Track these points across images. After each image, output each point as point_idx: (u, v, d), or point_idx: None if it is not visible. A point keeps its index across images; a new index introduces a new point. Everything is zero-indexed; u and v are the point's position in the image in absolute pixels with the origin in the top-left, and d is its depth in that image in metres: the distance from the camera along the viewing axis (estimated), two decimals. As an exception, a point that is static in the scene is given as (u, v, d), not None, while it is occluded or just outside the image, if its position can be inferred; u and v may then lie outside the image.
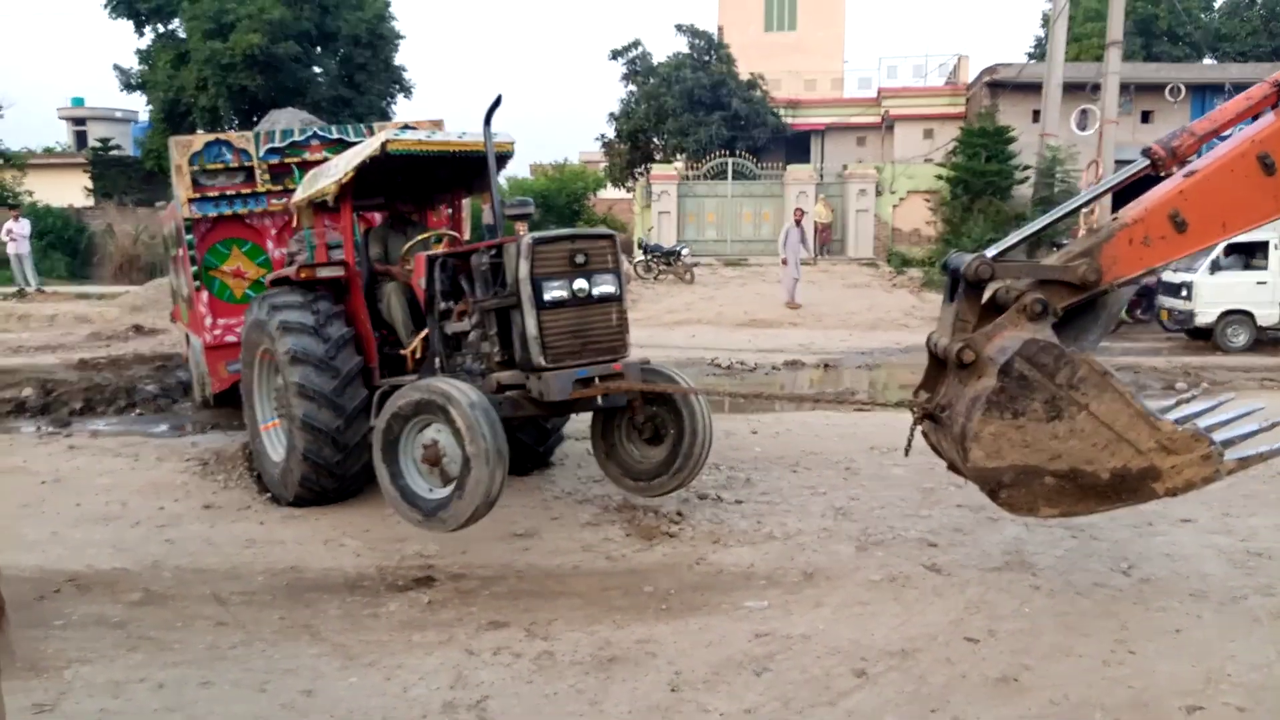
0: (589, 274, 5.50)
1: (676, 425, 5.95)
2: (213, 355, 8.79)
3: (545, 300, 5.37)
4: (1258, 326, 14.48)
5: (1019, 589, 4.91)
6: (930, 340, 4.61)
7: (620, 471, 6.23)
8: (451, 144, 6.32)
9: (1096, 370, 4.10)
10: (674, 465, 5.93)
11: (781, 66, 32.39)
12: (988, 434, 4.12)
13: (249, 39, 27.56)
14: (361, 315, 6.58)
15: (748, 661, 4.18)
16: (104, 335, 15.86)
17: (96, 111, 42.44)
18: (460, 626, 4.61)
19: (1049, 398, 4.10)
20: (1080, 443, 4.14)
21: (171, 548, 5.74)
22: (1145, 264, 4.31)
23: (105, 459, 7.81)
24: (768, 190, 26.79)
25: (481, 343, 5.80)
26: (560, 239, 5.52)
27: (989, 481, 4.23)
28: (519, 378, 5.58)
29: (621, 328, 5.69)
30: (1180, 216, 4.24)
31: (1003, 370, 4.07)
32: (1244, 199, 4.24)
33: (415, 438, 5.20)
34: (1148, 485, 4.21)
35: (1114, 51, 21.12)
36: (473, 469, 4.82)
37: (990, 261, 4.29)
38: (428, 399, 5.05)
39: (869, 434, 8.46)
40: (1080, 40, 29.61)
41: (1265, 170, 4.18)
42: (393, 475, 5.20)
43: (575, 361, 5.46)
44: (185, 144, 8.52)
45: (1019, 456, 4.15)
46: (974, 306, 4.40)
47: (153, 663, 4.27)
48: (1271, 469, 6.91)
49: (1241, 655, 4.17)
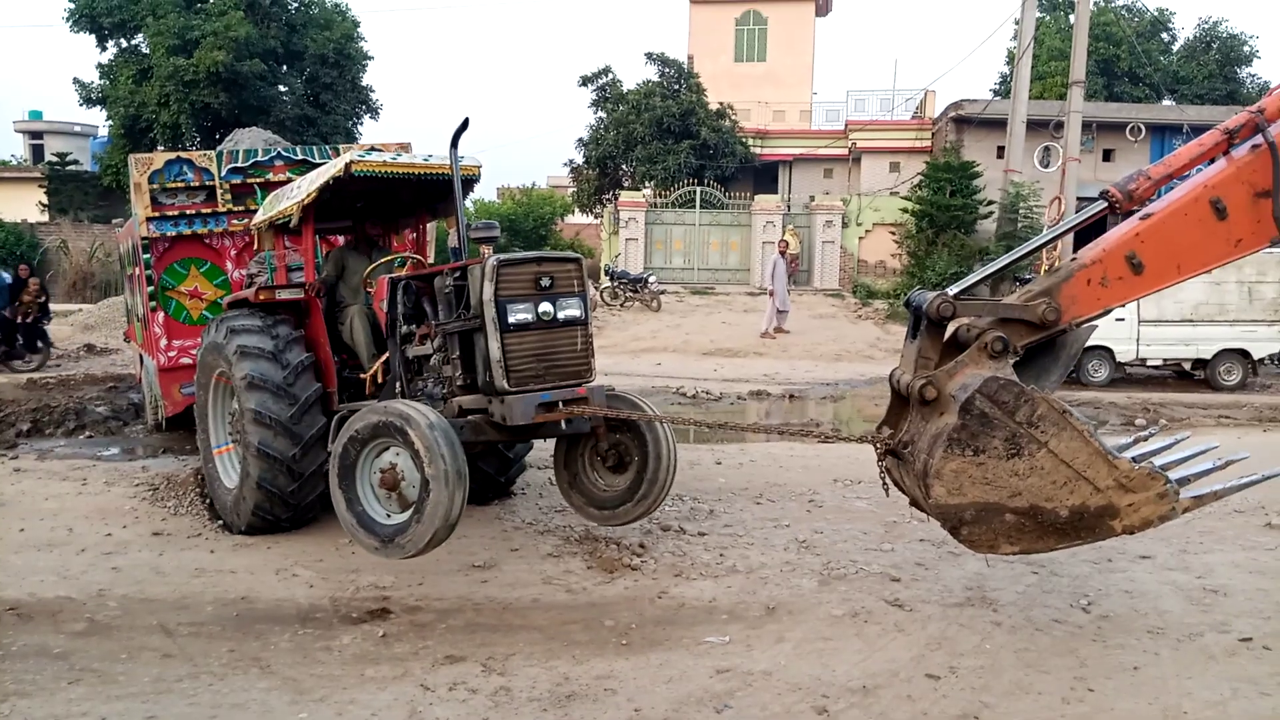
0: (554, 297, 5.45)
1: (640, 452, 5.86)
2: (167, 377, 8.62)
3: (509, 323, 5.29)
4: (1117, 363, 14.80)
5: (980, 625, 4.91)
6: (893, 376, 4.63)
7: (584, 500, 6.15)
8: (417, 166, 6.24)
9: (1056, 409, 4.13)
10: (638, 493, 5.85)
11: (750, 96, 32.75)
12: (949, 471, 4.14)
13: (213, 56, 27.40)
14: (321, 339, 6.48)
15: (708, 698, 4.12)
16: (54, 354, 15.53)
17: (54, 125, 41.86)
18: (415, 660, 4.50)
19: (1009, 435, 4.13)
20: (1040, 480, 4.16)
21: (118, 576, 5.57)
22: (1103, 304, 4.37)
23: (52, 482, 7.60)
24: (735, 220, 26.98)
25: (443, 366, 5.72)
26: (526, 261, 5.46)
27: (951, 518, 4.24)
28: (481, 402, 5.50)
29: (586, 351, 5.63)
30: (1137, 258, 4.31)
31: (964, 408, 4.10)
32: (1198, 242, 4.33)
33: (373, 462, 5.08)
34: (1106, 523, 4.25)
35: (1077, 91, 21.58)
36: (432, 491, 4.70)
37: (952, 300, 4.33)
38: (385, 421, 4.94)
39: (833, 466, 8.47)
40: (1044, 79, 30.25)
41: (1217, 214, 4.28)
42: (349, 501, 5.06)
43: (539, 385, 5.38)
44: (145, 161, 8.39)
45: (980, 493, 4.17)
46: (936, 344, 4.43)
47: (96, 696, 4.12)
48: (1228, 506, 7.01)
49: (1197, 692, 4.18)
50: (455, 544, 6.15)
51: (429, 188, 6.52)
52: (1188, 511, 4.38)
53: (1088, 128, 23.60)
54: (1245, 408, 12.53)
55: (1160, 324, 14.50)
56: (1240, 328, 14.41)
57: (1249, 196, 4.26)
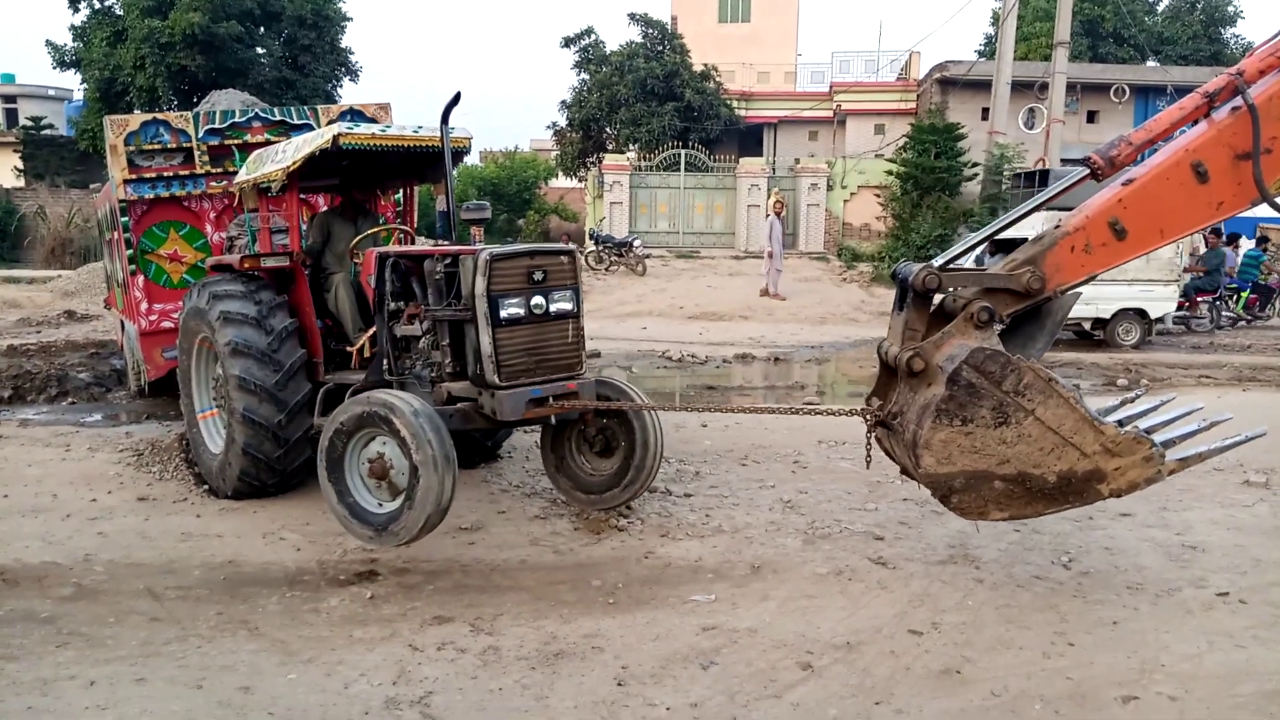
0: (547, 291, 5.42)
1: (628, 438, 5.86)
2: (149, 341, 8.56)
3: (501, 318, 5.25)
4: None
5: (962, 582, 4.97)
6: (881, 348, 4.67)
7: (571, 485, 6.14)
8: (406, 138, 6.16)
9: (1042, 377, 4.18)
10: (625, 478, 5.86)
11: (735, 58, 32.50)
12: (938, 441, 4.19)
13: (189, 17, 26.92)
14: (306, 306, 6.42)
15: (694, 655, 4.17)
16: (34, 321, 15.40)
17: (27, 89, 41.16)
18: (403, 622, 4.53)
19: (997, 404, 4.17)
20: (1028, 447, 4.22)
21: (104, 541, 5.57)
22: (1087, 270, 4.38)
23: (35, 449, 7.56)
24: (720, 183, 26.85)
25: (432, 351, 5.69)
26: (519, 255, 5.40)
27: (940, 487, 4.30)
28: (471, 391, 5.47)
29: (578, 345, 5.61)
30: (1120, 224, 4.33)
31: (951, 378, 4.15)
32: (1180, 206, 4.34)
33: (360, 453, 5.10)
34: (1093, 487, 4.31)
35: (1061, 52, 21.52)
36: (421, 477, 4.73)
37: (937, 271, 4.36)
38: (369, 411, 4.94)
39: (817, 428, 8.51)
40: (1029, 40, 30.13)
41: (1199, 178, 4.29)
42: (339, 493, 5.09)
43: (529, 380, 5.36)
44: (121, 123, 8.25)
45: (969, 462, 4.23)
46: (923, 315, 4.46)
47: (83, 660, 4.13)
48: (1207, 465, 7.09)
49: (1175, 646, 4.26)
50: (442, 507, 6.19)
51: (417, 154, 6.45)
52: (1173, 474, 4.44)
53: (1072, 89, 23.59)
54: (1225, 368, 12.65)
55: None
56: (1138, 288, 14.54)
57: (1230, 159, 4.27)
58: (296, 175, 6.10)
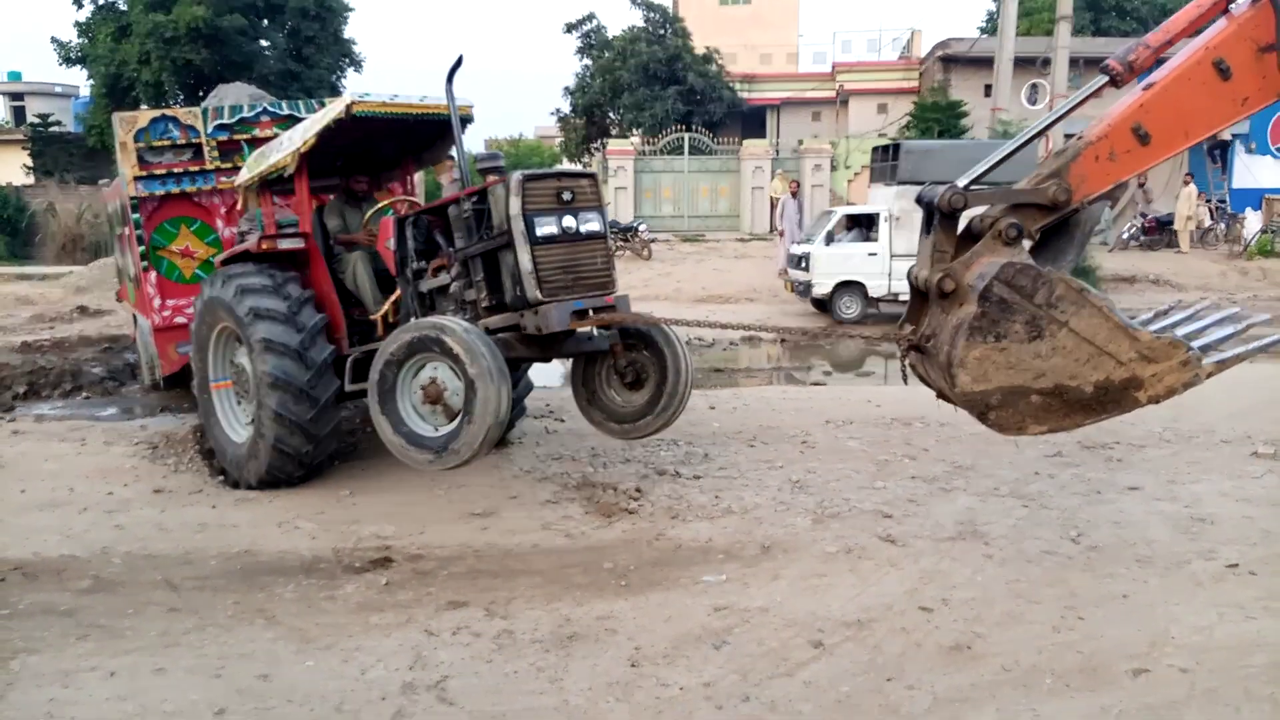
0: (576, 211, 5.50)
1: (658, 365, 6.01)
2: (162, 337, 8.60)
3: (538, 235, 5.33)
4: (869, 298, 14.96)
5: (971, 558, 5.00)
6: (911, 273, 4.66)
7: (604, 416, 6.27)
8: (414, 106, 6.25)
9: (1074, 288, 4.17)
10: (659, 405, 6.00)
11: (737, 40, 32.33)
12: (972, 359, 4.19)
13: (193, 11, 26.86)
14: (325, 287, 6.48)
15: (706, 635, 4.21)
16: (47, 317, 15.49)
17: (35, 86, 41.14)
18: (419, 607, 4.58)
19: (1029, 318, 4.17)
20: (1063, 359, 4.21)
21: (121, 533, 5.63)
22: (1113, 179, 4.35)
23: (51, 444, 7.62)
24: (724, 165, 26.77)
25: (465, 290, 5.76)
26: (548, 176, 5.51)
27: (977, 405, 4.28)
28: (511, 319, 5.55)
29: (608, 264, 5.69)
30: (1143, 129, 4.30)
31: (982, 295, 4.14)
32: (1203, 106, 4.31)
33: (411, 381, 5.17)
34: (1131, 395, 4.28)
35: (1064, 26, 21.33)
36: (478, 389, 4.81)
37: (962, 191, 4.33)
38: (419, 336, 5.03)
39: (825, 407, 8.54)
40: (1031, 15, 29.88)
41: (1221, 75, 4.25)
42: (394, 424, 5.14)
43: (569, 295, 5.44)
44: (130, 120, 8.28)
45: (1004, 378, 4.22)
46: (950, 237, 4.45)
47: (103, 651, 4.19)
48: (1215, 437, 7.11)
49: (1185, 618, 4.29)
50: (455, 493, 6.24)
51: (414, 137, 6.48)
52: (1210, 377, 4.38)
53: (1075, 64, 23.37)
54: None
55: (912, 258, 14.55)
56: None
57: (1253, 53, 4.20)
58: (307, 157, 6.15)
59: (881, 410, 8.31)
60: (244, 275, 6.34)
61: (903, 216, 14.46)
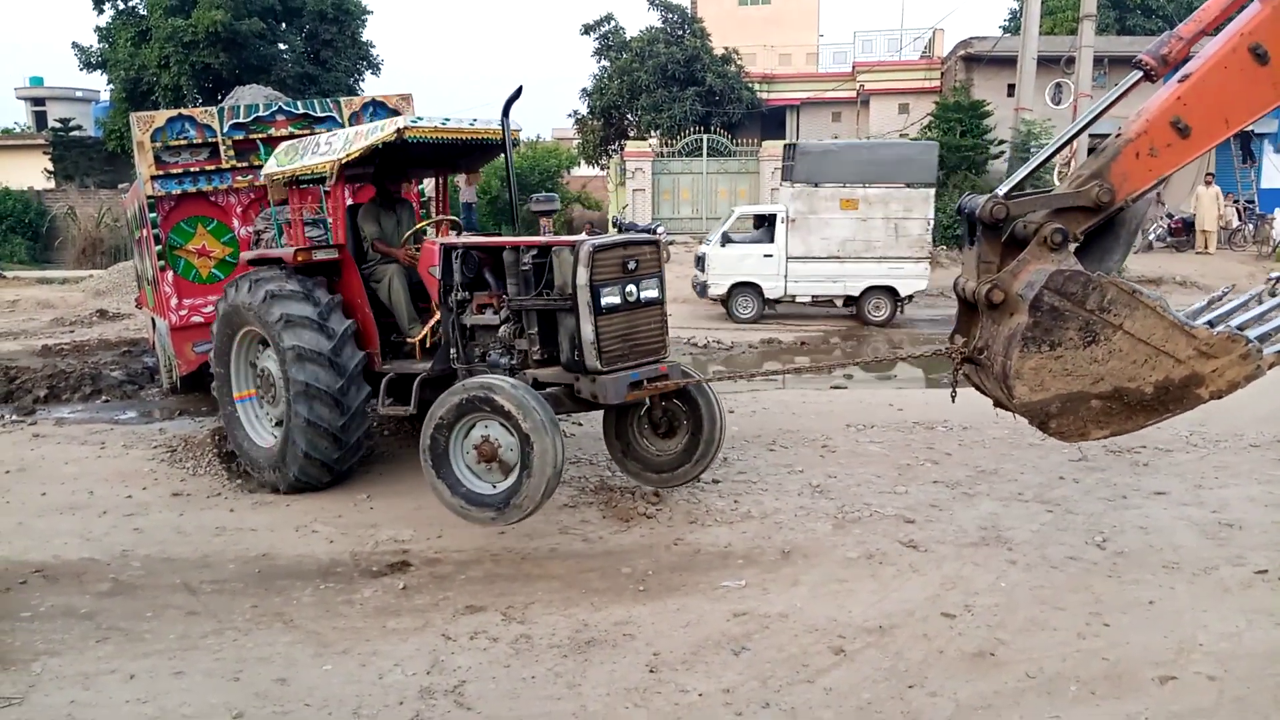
0: (638, 279, 5.59)
1: (693, 415, 6.03)
2: (179, 336, 8.64)
3: (602, 306, 5.39)
4: (765, 299, 14.83)
5: (995, 564, 4.94)
6: (957, 285, 4.66)
7: (640, 467, 6.26)
8: (465, 131, 6.29)
9: (1125, 290, 4.14)
10: (696, 453, 6.02)
11: (756, 40, 32.23)
12: (1028, 369, 4.18)
13: (211, 15, 27.07)
14: (359, 299, 6.46)
15: (726, 641, 4.17)
16: (67, 321, 15.61)
17: (56, 91, 41.55)
18: (436, 611, 4.57)
19: (1083, 324, 4.15)
20: (1120, 362, 4.19)
21: (140, 536, 5.65)
22: (1156, 174, 4.32)
23: (71, 447, 7.67)
24: (743, 167, 26.66)
25: (516, 339, 5.79)
26: (615, 245, 5.56)
27: (1037, 414, 4.27)
28: (562, 376, 5.58)
29: (663, 330, 5.79)
30: (1182, 122, 4.26)
31: (1033, 305, 4.13)
32: (1242, 93, 4.25)
33: (463, 442, 5.16)
34: (1192, 392, 4.25)
35: (1088, 25, 21.15)
36: (535, 444, 4.84)
37: (1004, 200, 4.33)
38: (468, 398, 5.04)
39: (845, 411, 8.48)
40: (1054, 13, 29.63)
41: (1259, 61, 4.19)
42: (452, 487, 5.12)
43: (625, 364, 5.50)
44: (147, 120, 8.34)
45: (1062, 385, 4.20)
46: (995, 246, 4.44)
47: (123, 653, 4.20)
48: (1244, 441, 7.00)
49: (1213, 625, 4.22)
50: (471, 497, 6.21)
51: (451, 146, 6.49)
52: (1273, 367, 4.34)
53: (1099, 63, 23.16)
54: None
55: (808, 261, 14.54)
56: (887, 265, 14.44)
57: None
58: (348, 167, 6.16)
59: (903, 414, 8.24)
60: (273, 281, 6.31)
61: (798, 218, 14.39)
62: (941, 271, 16.78)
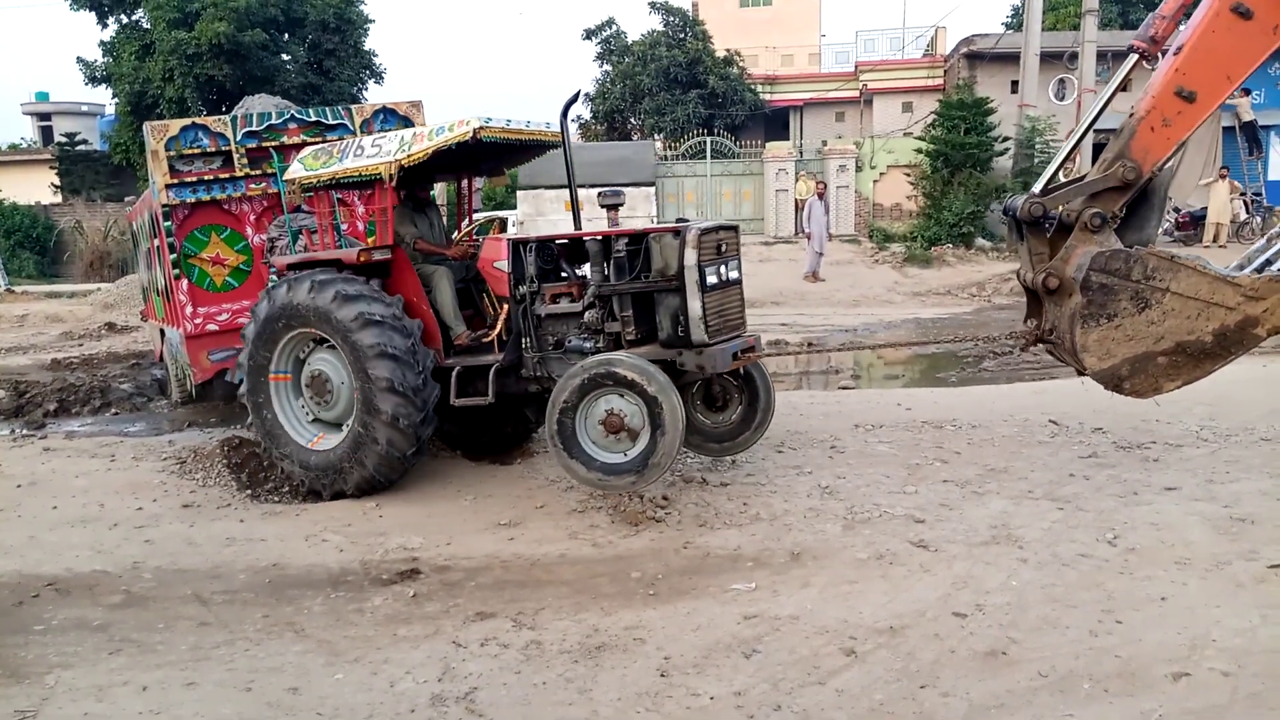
0: (726, 260, 6.00)
1: (748, 387, 6.58)
2: (194, 345, 8.66)
3: (707, 284, 5.75)
4: None
5: (1006, 562, 4.92)
6: (1020, 277, 5.15)
7: (701, 439, 6.71)
8: (534, 133, 6.62)
9: (1164, 257, 4.59)
10: (754, 420, 6.58)
11: (758, 42, 32.26)
12: (1093, 342, 4.67)
13: (215, 28, 27.19)
14: (417, 297, 6.53)
15: (736, 644, 4.16)
16: (76, 334, 15.70)
17: (61, 106, 41.77)
18: (447, 619, 4.57)
19: (1133, 294, 4.60)
20: (1176, 320, 4.62)
21: (151, 548, 5.67)
22: (1174, 141, 4.76)
23: (81, 460, 7.70)
24: (747, 169, 26.66)
25: (606, 321, 6.06)
26: (711, 230, 5.92)
27: (1110, 380, 4.75)
28: (658, 354, 5.82)
29: (744, 307, 6.25)
30: (1186, 90, 4.67)
31: (1083, 286, 4.61)
32: (1236, 49, 4.63)
33: (587, 419, 5.50)
34: (1250, 333, 4.67)
35: (1090, 20, 21.13)
36: (663, 403, 5.27)
37: (1039, 198, 4.82)
38: (589, 376, 5.40)
39: (853, 411, 8.46)
40: (1057, 9, 29.61)
41: (1243, 16, 4.54)
42: (586, 464, 5.48)
43: (724, 338, 5.89)
44: (161, 129, 8.39)
45: (1127, 350, 4.68)
46: (1041, 240, 4.93)
47: (136, 665, 4.22)
48: (1255, 435, 6.97)
49: (1226, 621, 4.19)
50: (481, 503, 6.24)
51: (479, 151, 6.59)
52: None
53: (1103, 58, 23.08)
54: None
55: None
56: None
57: None
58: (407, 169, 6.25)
59: (912, 414, 8.22)
60: (340, 282, 6.26)
61: (526, 220, 14.33)
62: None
